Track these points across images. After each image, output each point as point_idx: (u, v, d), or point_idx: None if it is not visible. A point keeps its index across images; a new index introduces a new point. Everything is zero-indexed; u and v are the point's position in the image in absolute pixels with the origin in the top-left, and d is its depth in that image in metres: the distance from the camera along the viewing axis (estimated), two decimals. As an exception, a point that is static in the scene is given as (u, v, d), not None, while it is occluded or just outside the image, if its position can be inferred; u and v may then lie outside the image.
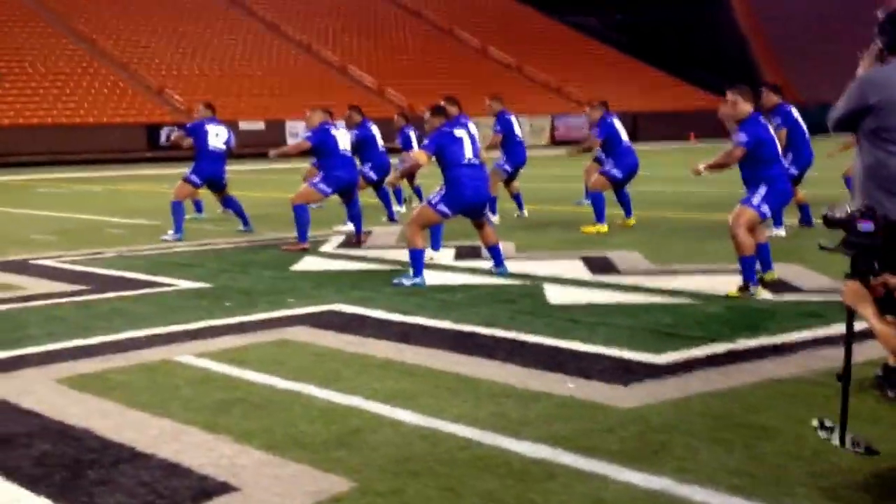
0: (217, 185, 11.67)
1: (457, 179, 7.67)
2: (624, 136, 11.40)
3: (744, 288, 6.72)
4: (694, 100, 50.38)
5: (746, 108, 6.93)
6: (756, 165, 6.84)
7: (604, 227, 10.78)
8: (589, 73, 50.58)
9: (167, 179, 23.83)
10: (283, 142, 37.36)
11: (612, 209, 11.38)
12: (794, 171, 10.21)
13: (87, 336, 5.93)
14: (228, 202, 11.86)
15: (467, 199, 7.72)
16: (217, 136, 11.62)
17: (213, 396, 4.62)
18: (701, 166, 7.03)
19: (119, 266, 8.87)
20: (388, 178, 12.13)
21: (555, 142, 43.22)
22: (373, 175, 12.70)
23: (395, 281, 7.62)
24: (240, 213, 11.68)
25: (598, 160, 14.47)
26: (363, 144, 12.42)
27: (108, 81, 38.61)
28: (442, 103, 8.60)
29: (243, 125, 35.45)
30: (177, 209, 11.09)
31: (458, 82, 45.99)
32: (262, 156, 13.11)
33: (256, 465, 3.69)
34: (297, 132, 38.43)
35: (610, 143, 11.30)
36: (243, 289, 7.61)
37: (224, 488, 3.47)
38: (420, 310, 6.59)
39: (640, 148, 11.85)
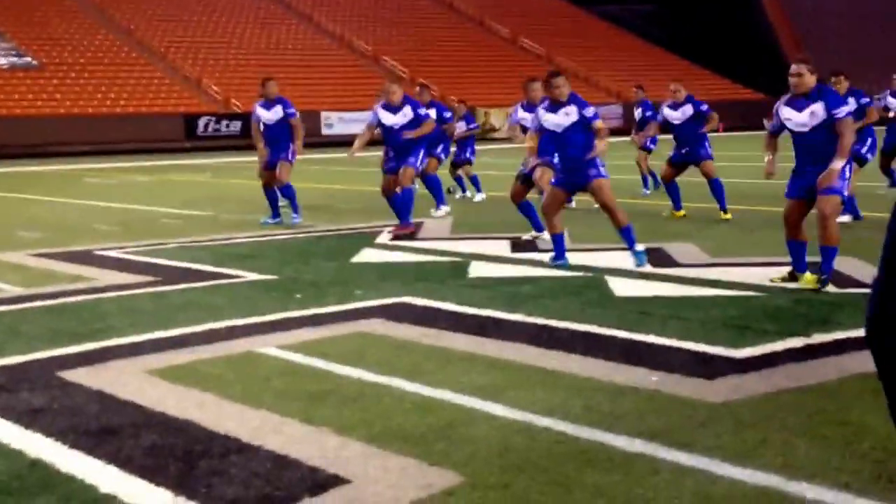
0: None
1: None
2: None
3: (820, 276, 6.72)
4: (722, 90, 50.06)
5: (812, 79, 6.87)
6: (834, 140, 6.71)
7: (681, 213, 11.35)
8: (618, 63, 50.39)
9: (208, 169, 24.15)
10: (318, 133, 37.59)
11: (663, 199, 11.42)
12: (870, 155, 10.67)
13: (168, 327, 6.06)
14: (270, 191, 11.82)
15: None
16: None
17: (304, 388, 4.73)
18: (835, 165, 6.60)
19: (184, 257, 9.02)
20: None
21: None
22: (442, 156, 13.06)
23: (637, 260, 7.96)
24: (273, 204, 11.76)
25: (644, 148, 14.55)
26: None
27: (147, 72, 38.97)
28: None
29: (279, 115, 35.70)
30: (288, 192, 11.53)
31: (488, 73, 46.05)
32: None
33: (362, 458, 3.79)
34: (331, 122, 38.68)
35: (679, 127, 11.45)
36: (310, 281, 7.72)
37: (336, 480, 3.57)
38: (491, 302, 6.66)
39: (669, 138, 11.82)
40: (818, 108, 6.74)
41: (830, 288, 6.79)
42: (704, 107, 11.24)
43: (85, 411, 4.45)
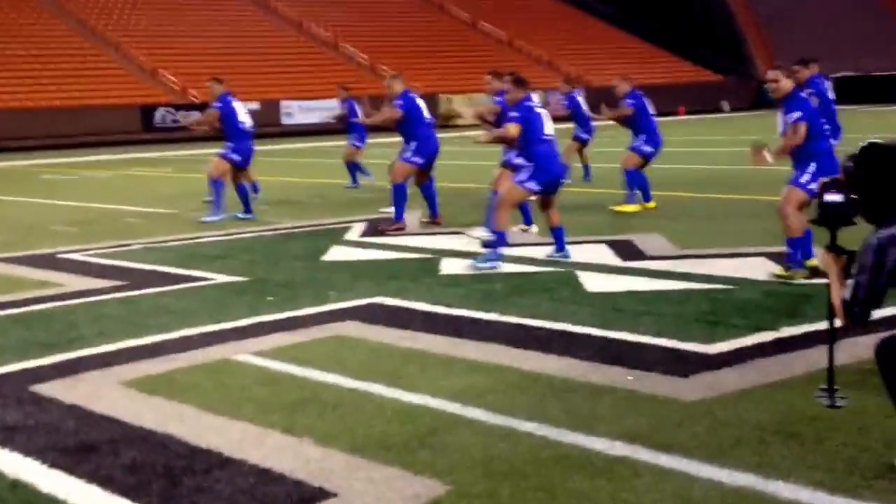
0: (244, 164, 11.73)
1: (544, 154, 7.88)
2: (652, 110, 11.50)
3: (789, 268, 6.85)
4: (683, 73, 50.45)
5: (788, 84, 6.99)
6: (806, 141, 6.85)
7: (635, 207, 10.95)
8: (580, 46, 50.55)
9: (169, 162, 23.86)
10: (278, 123, 37.29)
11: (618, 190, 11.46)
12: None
13: (140, 335, 6.01)
14: (239, 186, 11.84)
15: (555, 173, 7.97)
16: (245, 113, 11.71)
17: (283, 397, 4.73)
18: (769, 157, 6.93)
19: (150, 259, 8.93)
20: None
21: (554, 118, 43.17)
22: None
23: (475, 263, 7.79)
24: (245, 198, 11.70)
25: (577, 139, 14.56)
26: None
27: (101, 63, 38.35)
28: (522, 77, 8.63)
29: (238, 105, 35.33)
30: (217, 187, 11.18)
31: (450, 57, 45.94)
32: (258, 136, 13.11)
33: (346, 469, 3.80)
34: (291, 111, 38.37)
35: (640, 117, 11.37)
36: (281, 282, 7.69)
37: (322, 494, 3.58)
38: (464, 301, 6.69)
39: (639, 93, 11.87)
40: (783, 115, 6.92)
41: (799, 279, 6.90)
42: (628, 101, 11.34)
43: (62, 428, 4.41)
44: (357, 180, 15.13)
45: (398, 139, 11.00)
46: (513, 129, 7.93)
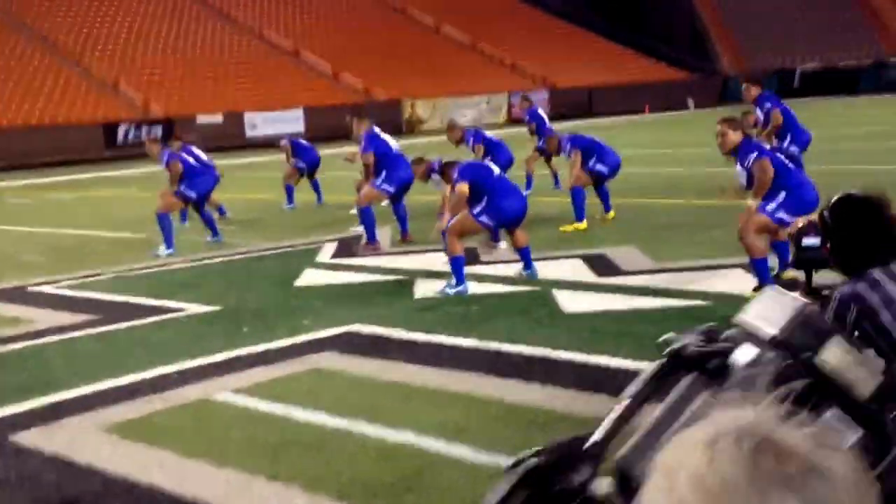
0: (200, 200, 11.71)
1: (497, 191, 7.88)
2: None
3: (758, 288, 6.89)
4: (647, 71, 50.80)
5: (737, 136, 7.04)
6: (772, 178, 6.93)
7: (583, 225, 10.88)
8: (543, 48, 50.74)
9: (133, 181, 23.56)
10: (242, 134, 37.04)
11: (592, 199, 11.48)
12: (795, 149, 10.80)
13: (117, 374, 5.95)
14: (203, 212, 11.84)
15: (511, 211, 7.92)
16: (194, 157, 11.76)
17: (266, 439, 4.69)
18: (752, 203, 6.90)
19: (121, 290, 8.83)
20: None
21: (512, 120, 43.31)
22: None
23: (440, 290, 7.72)
24: (210, 223, 11.65)
25: (539, 150, 14.56)
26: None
27: (61, 78, 37.91)
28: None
29: (201, 119, 35.08)
30: (164, 222, 11.03)
31: (413, 63, 45.89)
32: (222, 149, 13.11)
33: (335, 517, 3.79)
34: (255, 123, 38.13)
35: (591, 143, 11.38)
36: (255, 310, 7.64)
37: (312, 545, 3.56)
38: (441, 326, 6.69)
39: (597, 123, 12.01)
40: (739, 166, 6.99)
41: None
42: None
43: (44, 481, 4.35)
44: (293, 200, 14.93)
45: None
46: (463, 189, 7.90)
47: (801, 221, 3.57)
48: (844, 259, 3.30)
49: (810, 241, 3.42)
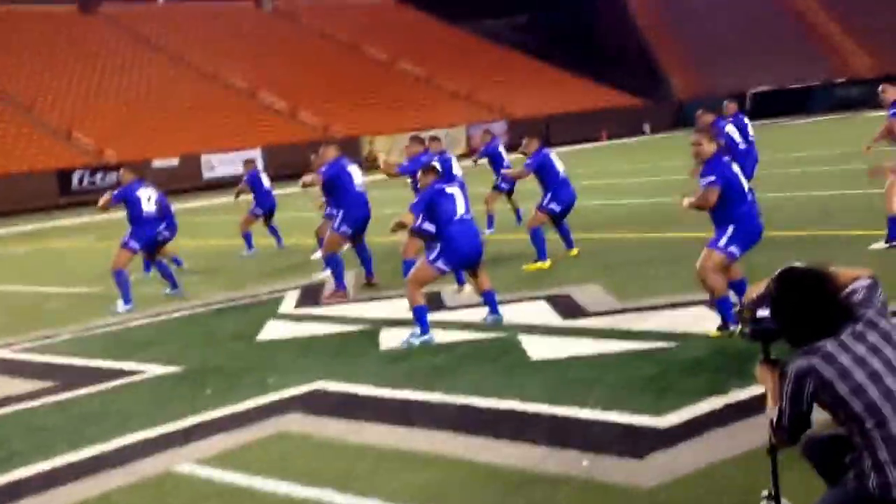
0: (153, 247, 11.52)
1: (452, 236, 7.77)
2: (560, 167, 11.39)
3: (723, 327, 6.88)
4: (603, 98, 51.36)
5: (711, 147, 7.06)
6: (724, 205, 6.92)
7: (546, 264, 10.85)
8: (499, 79, 51.14)
9: (89, 230, 23.22)
10: (199, 178, 36.74)
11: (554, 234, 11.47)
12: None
13: (77, 447, 5.77)
14: (159, 263, 11.64)
15: (465, 254, 7.83)
16: (149, 200, 11.44)
17: (232, 516, 4.55)
18: (685, 202, 7.02)
19: (79, 352, 8.63)
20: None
21: (472, 151, 43.47)
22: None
23: (404, 341, 7.60)
24: (168, 275, 11.45)
25: (497, 188, 14.46)
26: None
27: (13, 126, 37.42)
28: (433, 164, 8.57)
29: (157, 163, 34.76)
30: (120, 278, 10.80)
31: (370, 99, 45.99)
32: (180, 192, 12.93)
33: None
34: (213, 165, 37.88)
35: (545, 176, 11.28)
36: (217, 369, 7.48)
37: None
38: (408, 379, 6.58)
39: (556, 151, 11.84)
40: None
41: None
42: (528, 161, 11.31)
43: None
44: (252, 246, 14.79)
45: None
46: (408, 217, 7.96)
47: (753, 291, 3.52)
48: (793, 332, 3.28)
49: (762, 312, 3.39)
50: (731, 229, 6.87)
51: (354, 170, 10.61)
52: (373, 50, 53.06)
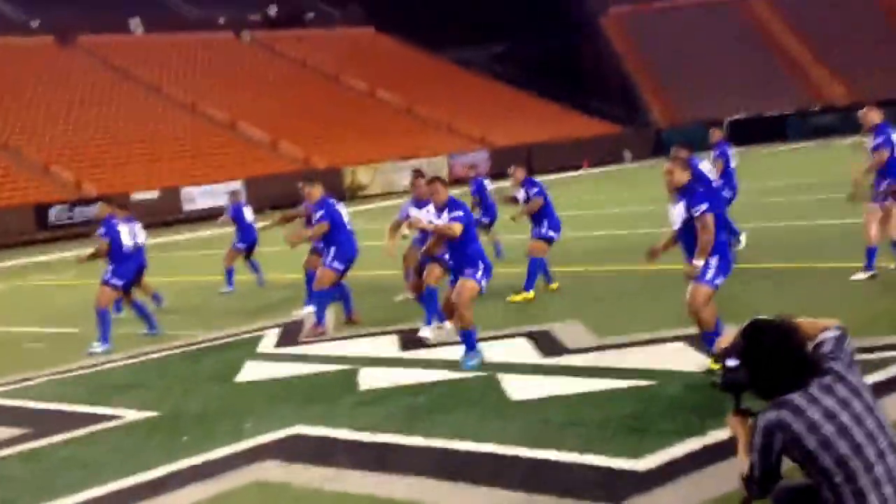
0: (128, 287, 11.43)
1: (482, 252, 8.14)
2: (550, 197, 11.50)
3: (716, 362, 6.85)
4: (584, 127, 51.65)
5: (685, 176, 7.05)
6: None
7: (531, 295, 10.85)
8: (479, 109, 51.33)
9: (67, 266, 22.96)
10: (178, 210, 36.56)
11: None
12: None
13: (47, 498, 5.66)
14: (135, 304, 11.54)
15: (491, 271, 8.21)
16: (129, 235, 11.36)
17: (207, 571, 4.47)
18: (697, 262, 6.83)
19: (55, 396, 8.51)
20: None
21: (454, 180, 43.58)
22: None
23: (466, 366, 7.77)
24: (146, 316, 11.34)
25: (477, 223, 14.12)
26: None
27: (-10, 162, 37.20)
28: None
29: (136, 196, 34.55)
30: (104, 318, 10.71)
31: (350, 129, 46.03)
32: (159, 225, 12.84)
33: None
34: (192, 198, 37.71)
35: (543, 204, 11.36)
36: (195, 414, 7.39)
37: None
38: (387, 422, 6.52)
39: (538, 179, 11.83)
40: (682, 207, 6.92)
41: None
42: (534, 190, 11.34)
43: None
44: (232, 283, 14.69)
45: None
46: (457, 227, 8.02)
47: (724, 341, 3.52)
48: (762, 385, 3.27)
49: (732, 362, 3.39)
50: (715, 261, 6.85)
51: (342, 207, 10.65)
52: (353, 80, 53.20)
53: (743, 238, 12.35)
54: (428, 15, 58.63)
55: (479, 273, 8.03)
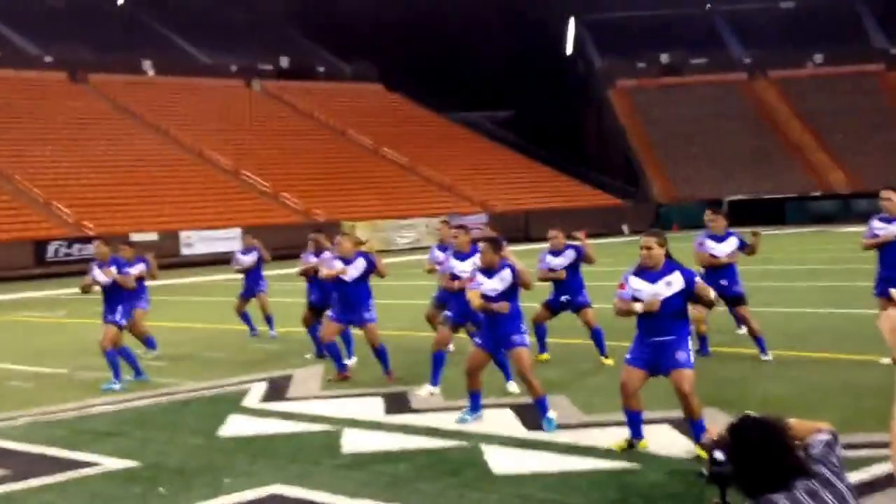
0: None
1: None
2: None
3: (703, 447, 6.84)
4: (583, 197, 51.95)
5: (661, 252, 7.08)
6: (683, 314, 6.99)
7: (546, 356, 11.17)
8: (481, 172, 51.73)
9: (60, 304, 22.94)
10: (177, 254, 36.63)
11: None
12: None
13: (19, 548, 5.62)
14: (123, 350, 11.47)
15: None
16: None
17: None
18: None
19: (36, 438, 8.46)
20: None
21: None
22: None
23: (552, 427, 7.83)
24: (131, 362, 11.29)
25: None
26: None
27: (-8, 195, 37.35)
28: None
29: (135, 237, 34.62)
30: (112, 358, 10.77)
31: (352, 184, 46.32)
32: (160, 268, 12.94)
33: None
34: (191, 242, 37.84)
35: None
36: (174, 467, 7.34)
37: None
38: (365, 489, 6.48)
39: (534, 247, 11.95)
40: (675, 279, 6.96)
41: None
42: (582, 249, 11.49)
43: None
44: (254, 327, 14.73)
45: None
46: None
47: (714, 431, 3.53)
48: (746, 482, 3.28)
49: (720, 455, 3.40)
50: (690, 343, 6.96)
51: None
52: (358, 135, 53.67)
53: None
54: (437, 76, 59.46)
55: (525, 335, 8.14)
